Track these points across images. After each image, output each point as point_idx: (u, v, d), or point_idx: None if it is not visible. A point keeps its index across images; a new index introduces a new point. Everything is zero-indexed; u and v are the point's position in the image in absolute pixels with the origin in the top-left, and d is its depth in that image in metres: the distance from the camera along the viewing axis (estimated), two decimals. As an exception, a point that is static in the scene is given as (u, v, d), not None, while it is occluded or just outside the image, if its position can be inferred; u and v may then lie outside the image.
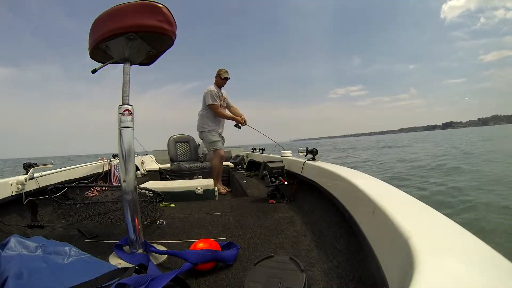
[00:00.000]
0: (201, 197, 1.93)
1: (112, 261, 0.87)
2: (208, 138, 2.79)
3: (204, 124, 2.81)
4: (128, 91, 0.87)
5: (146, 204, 1.32)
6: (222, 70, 2.80)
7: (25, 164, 1.48)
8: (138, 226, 0.87)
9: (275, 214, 1.37)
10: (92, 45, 0.87)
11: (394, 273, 0.47)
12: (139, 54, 0.90)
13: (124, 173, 0.85)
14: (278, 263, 0.70)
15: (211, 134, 2.78)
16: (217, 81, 2.83)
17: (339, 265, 0.78)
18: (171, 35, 0.86)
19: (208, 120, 2.80)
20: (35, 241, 0.71)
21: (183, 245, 1.03)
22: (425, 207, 0.61)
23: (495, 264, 0.37)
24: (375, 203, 0.66)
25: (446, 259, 0.38)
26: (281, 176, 1.75)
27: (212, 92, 2.72)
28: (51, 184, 1.49)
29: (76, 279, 0.62)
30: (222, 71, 2.80)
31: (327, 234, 1.01)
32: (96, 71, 0.93)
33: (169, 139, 3.55)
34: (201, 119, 2.85)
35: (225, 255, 0.84)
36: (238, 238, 1.08)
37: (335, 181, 1.15)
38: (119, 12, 0.81)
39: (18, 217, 1.36)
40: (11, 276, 0.57)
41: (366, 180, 0.95)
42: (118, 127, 0.84)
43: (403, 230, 0.48)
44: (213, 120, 2.81)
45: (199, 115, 2.86)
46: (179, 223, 1.31)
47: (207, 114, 2.79)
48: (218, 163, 2.80)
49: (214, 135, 2.79)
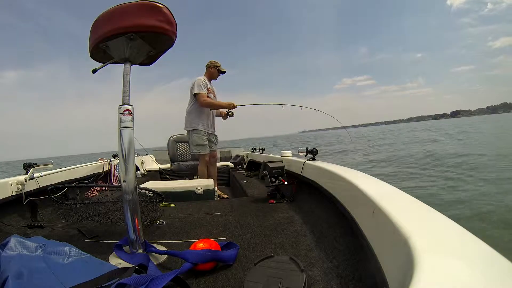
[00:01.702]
0: (201, 197, 1.93)
1: (112, 261, 0.87)
2: (194, 139, 2.51)
3: (192, 121, 2.51)
4: (128, 91, 0.87)
5: (146, 204, 1.31)
6: (218, 62, 2.57)
7: (25, 164, 1.48)
8: (138, 226, 0.87)
9: (275, 214, 1.37)
10: (92, 45, 0.87)
11: (394, 273, 0.47)
12: (139, 54, 0.90)
13: (124, 173, 0.85)
14: (278, 263, 0.70)
15: (199, 135, 2.51)
16: (212, 72, 2.56)
17: (339, 265, 0.78)
18: (171, 35, 0.86)
19: (197, 117, 2.50)
20: (35, 241, 0.71)
21: (183, 245, 1.03)
22: (425, 207, 0.62)
23: (495, 264, 0.37)
24: (375, 203, 0.66)
25: (446, 259, 0.38)
26: (281, 176, 1.75)
27: (200, 81, 2.44)
28: (51, 184, 1.49)
29: (76, 279, 0.63)
30: (218, 63, 2.57)
31: (327, 234, 1.01)
32: (96, 71, 0.93)
33: (169, 139, 3.55)
34: (188, 116, 2.55)
35: (225, 255, 0.84)
36: (238, 238, 1.08)
37: (335, 181, 1.15)
38: (119, 12, 0.81)
39: (18, 217, 1.36)
40: (11, 276, 0.57)
41: (366, 180, 0.96)
42: (118, 127, 0.84)
43: (403, 230, 0.48)
44: (202, 117, 2.52)
45: (187, 112, 2.56)
46: (179, 223, 1.31)
47: (195, 110, 2.50)
48: (203, 169, 2.55)
49: (202, 137, 2.51)
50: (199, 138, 2.50)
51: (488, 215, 3.09)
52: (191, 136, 2.53)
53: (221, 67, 2.58)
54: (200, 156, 2.54)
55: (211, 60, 2.62)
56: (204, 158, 2.55)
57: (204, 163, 2.56)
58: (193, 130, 2.51)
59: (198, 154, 2.53)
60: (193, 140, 2.52)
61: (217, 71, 2.58)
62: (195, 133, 2.51)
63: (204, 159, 2.55)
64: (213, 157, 2.72)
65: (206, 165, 2.59)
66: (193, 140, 2.52)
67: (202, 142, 2.51)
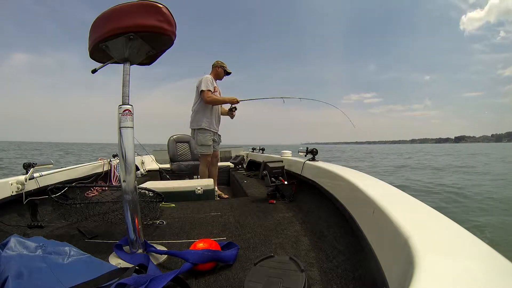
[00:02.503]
0: (201, 197, 1.93)
1: (112, 261, 0.87)
2: (199, 139, 2.50)
3: (199, 120, 2.50)
4: (128, 91, 0.87)
5: (146, 204, 1.31)
6: (224, 63, 2.59)
7: (25, 164, 1.48)
8: (138, 226, 0.87)
9: (275, 214, 1.37)
10: (92, 45, 0.87)
11: (394, 273, 0.47)
12: (139, 54, 0.90)
13: (124, 173, 0.85)
14: (278, 263, 0.70)
15: (204, 135, 2.49)
16: (218, 72, 2.57)
17: (339, 265, 0.78)
18: (171, 35, 0.86)
19: (203, 115, 2.49)
20: (35, 241, 0.71)
21: (183, 245, 1.03)
22: (425, 207, 0.62)
23: (495, 264, 0.37)
24: (375, 203, 0.66)
25: (446, 259, 0.38)
26: (281, 176, 1.75)
27: (208, 79, 2.43)
28: (51, 184, 1.49)
29: (76, 279, 0.62)
30: (225, 64, 2.58)
31: (327, 234, 1.01)
32: (96, 71, 0.93)
33: (169, 139, 3.55)
34: (194, 114, 2.54)
35: (225, 255, 0.84)
36: (238, 238, 1.08)
37: (335, 181, 1.15)
38: (119, 12, 0.81)
39: (18, 217, 1.36)
40: (11, 276, 0.57)
41: (366, 180, 0.96)
42: (118, 127, 0.84)
43: (403, 230, 0.48)
44: (208, 115, 2.51)
45: (193, 111, 2.55)
46: (179, 223, 1.31)
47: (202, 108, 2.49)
48: (204, 169, 2.54)
49: (208, 136, 2.50)
50: (204, 138, 2.49)
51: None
52: (196, 135, 2.52)
53: (227, 68, 2.60)
54: (203, 156, 2.54)
55: (217, 60, 2.63)
56: (206, 158, 2.55)
57: (206, 163, 2.56)
58: (199, 129, 2.50)
59: (202, 154, 2.53)
60: (198, 139, 2.51)
61: (223, 71, 2.59)
62: (201, 132, 2.50)
63: (206, 159, 2.55)
64: (215, 157, 2.71)
65: (208, 166, 2.59)
66: (198, 140, 2.51)
67: (207, 142, 2.50)
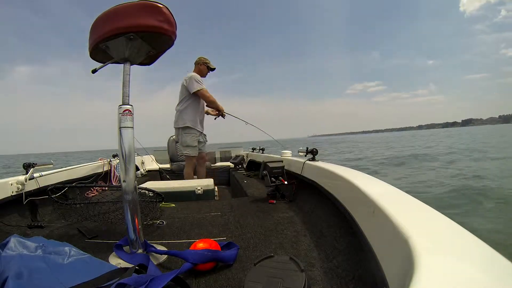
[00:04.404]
0: (201, 197, 1.93)
1: (112, 261, 0.87)
2: (184, 140, 2.40)
3: (184, 119, 2.39)
4: (128, 91, 0.87)
5: (146, 204, 1.32)
6: (207, 59, 2.49)
7: (25, 164, 1.48)
8: (138, 226, 0.87)
9: (275, 214, 1.37)
10: (92, 45, 0.87)
11: (394, 273, 0.47)
12: (139, 54, 0.90)
13: (124, 173, 0.85)
14: (278, 263, 0.70)
15: (191, 136, 2.40)
16: (201, 69, 2.46)
17: (339, 265, 0.78)
18: (171, 35, 0.86)
19: (192, 115, 2.39)
20: (35, 241, 0.71)
21: (183, 245, 1.03)
22: (425, 207, 0.62)
23: (495, 264, 0.37)
24: (375, 203, 0.66)
25: (446, 259, 0.38)
26: (281, 176, 1.75)
27: (198, 77, 2.35)
28: (51, 184, 1.49)
29: (76, 279, 0.62)
30: (208, 60, 2.48)
31: (327, 234, 1.01)
32: (96, 71, 0.93)
33: (168, 139, 3.55)
34: (181, 113, 2.41)
35: (225, 255, 0.84)
36: (238, 238, 1.08)
37: (335, 181, 1.15)
38: (119, 12, 0.81)
39: (18, 217, 1.36)
40: (11, 276, 0.57)
41: (366, 180, 0.95)
42: (118, 127, 0.84)
43: (403, 230, 0.48)
44: (197, 115, 2.42)
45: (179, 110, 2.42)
46: (179, 223, 1.31)
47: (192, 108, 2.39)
48: (189, 171, 2.47)
49: (194, 137, 2.41)
50: (191, 139, 2.43)
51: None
52: (182, 135, 2.44)
53: (211, 64, 2.52)
54: (188, 157, 2.47)
55: (200, 56, 2.53)
56: (192, 160, 2.48)
57: (192, 165, 2.49)
58: (185, 128, 2.42)
59: (187, 155, 2.46)
60: (183, 140, 2.44)
61: (207, 67, 2.52)
62: (186, 132, 2.43)
63: (192, 161, 2.48)
64: (201, 158, 2.64)
65: (193, 167, 2.53)
66: (183, 141, 2.44)
67: (192, 143, 2.43)
